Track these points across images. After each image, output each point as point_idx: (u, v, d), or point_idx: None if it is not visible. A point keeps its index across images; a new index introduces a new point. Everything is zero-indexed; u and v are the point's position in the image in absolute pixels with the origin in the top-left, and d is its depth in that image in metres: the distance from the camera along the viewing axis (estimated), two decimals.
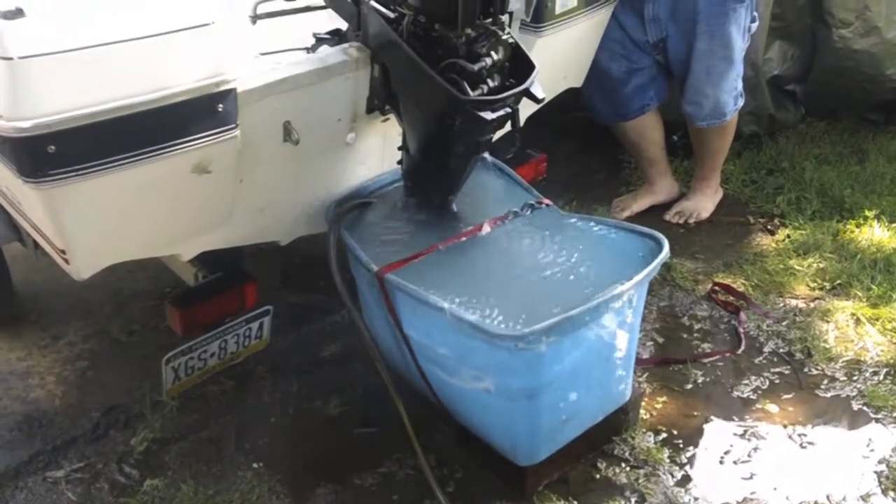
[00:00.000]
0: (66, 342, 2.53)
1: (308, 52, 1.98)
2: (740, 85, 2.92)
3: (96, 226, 1.68)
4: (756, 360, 2.50)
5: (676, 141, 3.31)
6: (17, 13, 1.46)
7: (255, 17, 1.86)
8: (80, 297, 2.64)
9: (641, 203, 3.18)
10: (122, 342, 2.54)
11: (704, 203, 3.14)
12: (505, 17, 1.87)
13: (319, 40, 2.01)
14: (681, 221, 3.11)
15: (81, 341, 2.53)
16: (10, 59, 1.42)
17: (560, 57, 2.48)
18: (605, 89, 2.93)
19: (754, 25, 2.83)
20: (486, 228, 2.10)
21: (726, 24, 2.71)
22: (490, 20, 1.83)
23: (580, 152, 3.51)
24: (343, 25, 2.01)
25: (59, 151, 1.50)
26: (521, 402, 1.88)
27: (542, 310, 1.80)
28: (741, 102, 2.95)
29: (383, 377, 2.05)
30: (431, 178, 2.12)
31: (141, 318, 2.61)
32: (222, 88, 1.65)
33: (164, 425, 2.22)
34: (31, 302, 2.65)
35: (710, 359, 2.50)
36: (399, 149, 2.13)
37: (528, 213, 2.17)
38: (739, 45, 2.78)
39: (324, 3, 1.96)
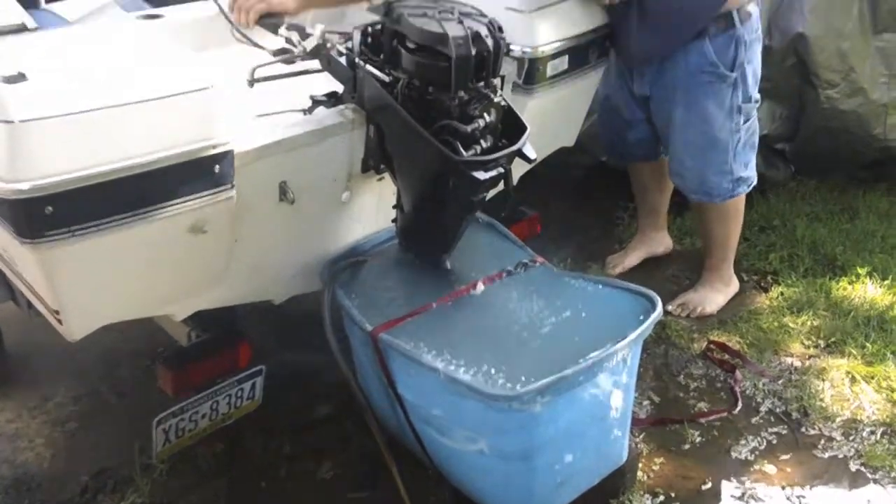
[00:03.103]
0: (56, 403, 2.50)
1: (305, 114, 2.01)
2: (741, 170, 2.73)
3: (91, 286, 1.68)
4: (753, 420, 2.49)
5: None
6: (20, 77, 1.49)
7: (253, 81, 1.89)
8: (71, 356, 2.62)
9: (633, 258, 3.18)
10: (112, 403, 2.51)
11: (713, 296, 2.96)
12: (497, 81, 1.91)
13: (316, 102, 2.03)
14: (683, 315, 2.94)
15: (72, 402, 2.51)
16: (11, 122, 1.43)
17: (552, 117, 2.51)
18: (611, 130, 2.96)
19: (749, 106, 2.66)
20: (480, 287, 2.10)
21: (701, 97, 2.61)
22: (483, 83, 1.86)
23: (574, 209, 3.54)
24: (339, 87, 2.04)
25: (56, 212, 1.50)
26: (515, 463, 1.86)
27: (536, 369, 1.79)
28: (742, 189, 2.77)
29: (377, 439, 2.03)
30: (426, 237, 2.13)
31: (132, 379, 2.59)
32: (219, 150, 1.66)
33: (153, 490, 2.19)
34: (23, 362, 2.64)
35: (707, 418, 2.48)
36: (394, 207, 2.14)
37: (522, 271, 2.17)
38: (721, 122, 2.62)
39: (321, 67, 1.99)
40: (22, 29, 2.06)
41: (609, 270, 3.13)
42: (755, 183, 2.83)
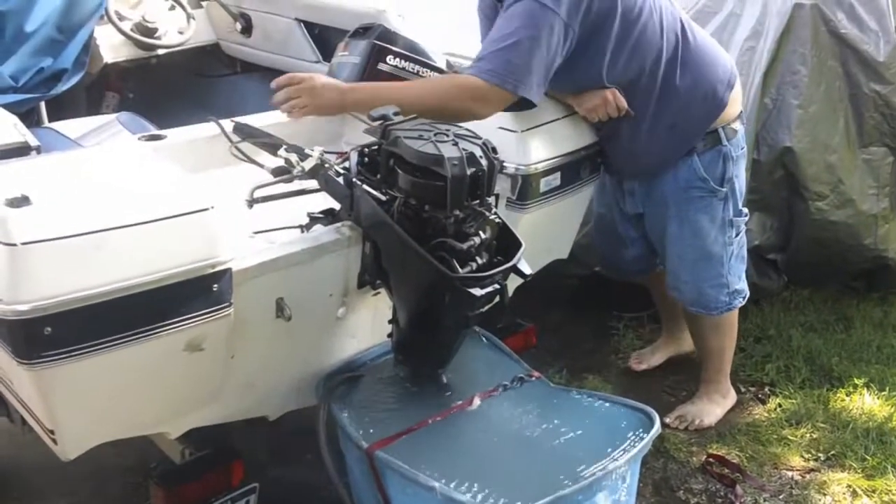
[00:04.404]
0: None
1: (302, 231, 2.05)
2: (738, 283, 2.76)
3: (87, 406, 1.67)
4: None
5: None
6: (24, 201, 1.52)
7: (252, 202, 1.93)
8: (62, 473, 2.55)
9: (659, 357, 3.22)
10: None
11: (710, 408, 2.96)
12: (492, 199, 1.95)
13: (313, 219, 2.08)
14: (681, 427, 2.92)
15: None
16: (14, 244, 1.46)
17: (545, 231, 2.56)
18: (607, 246, 3.01)
19: (739, 220, 2.72)
20: (477, 402, 2.10)
21: (692, 211, 2.64)
22: (478, 202, 1.90)
23: (569, 320, 3.54)
24: (336, 205, 2.08)
25: (55, 333, 1.51)
26: None
27: (533, 488, 1.77)
28: (738, 302, 2.79)
29: None
30: (421, 351, 2.14)
31: (123, 496, 2.54)
32: (218, 269, 1.69)
33: None
34: (14, 479, 2.59)
35: None
36: (389, 322, 2.15)
37: (519, 386, 2.17)
38: (715, 236, 2.66)
39: (318, 187, 2.04)
40: (25, 147, 2.12)
41: (633, 365, 3.19)
42: (748, 295, 2.85)
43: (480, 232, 1.91)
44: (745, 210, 2.76)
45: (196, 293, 1.67)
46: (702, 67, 2.53)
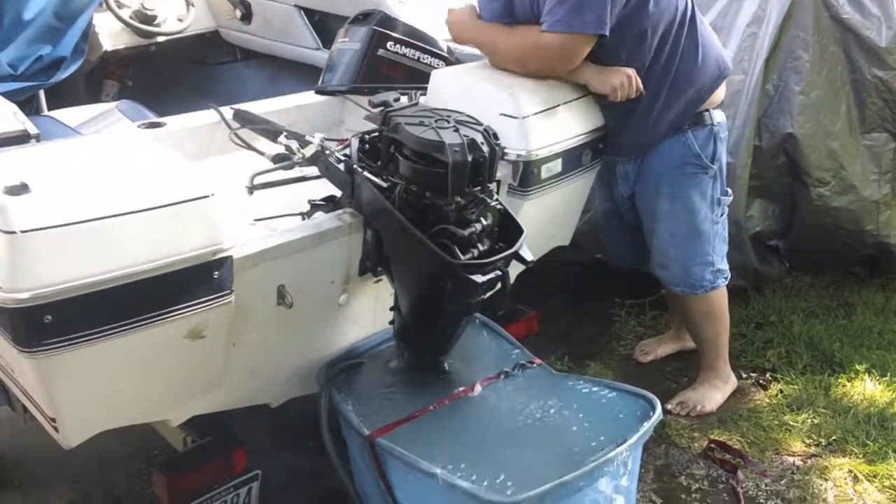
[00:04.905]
0: None
1: (303, 218, 2.04)
2: (721, 263, 2.80)
3: (88, 394, 1.67)
4: None
5: None
6: (23, 188, 1.51)
7: (252, 188, 1.92)
8: (65, 460, 2.57)
9: (666, 349, 3.23)
10: None
11: (711, 394, 2.97)
12: (493, 185, 1.94)
13: (314, 206, 2.07)
14: (683, 413, 2.93)
15: None
16: (13, 232, 1.46)
17: (547, 218, 2.55)
18: (616, 241, 3.04)
19: (726, 199, 2.78)
20: (478, 389, 2.10)
21: (685, 187, 2.68)
22: (479, 188, 1.90)
23: (570, 307, 3.54)
24: (337, 192, 2.07)
25: (55, 321, 1.51)
26: None
27: (535, 475, 1.77)
28: (722, 281, 2.82)
29: None
30: (423, 339, 2.14)
31: (126, 483, 2.55)
32: (218, 256, 1.68)
33: None
34: (15, 467, 2.59)
35: None
36: (391, 309, 2.15)
37: (520, 373, 2.17)
38: (705, 213, 2.71)
39: (319, 174, 2.03)
40: (24, 135, 2.11)
41: (639, 357, 3.20)
42: (729, 277, 2.87)
43: (482, 218, 1.90)
44: (730, 190, 2.82)
45: (197, 281, 1.66)
46: (709, 36, 2.66)
